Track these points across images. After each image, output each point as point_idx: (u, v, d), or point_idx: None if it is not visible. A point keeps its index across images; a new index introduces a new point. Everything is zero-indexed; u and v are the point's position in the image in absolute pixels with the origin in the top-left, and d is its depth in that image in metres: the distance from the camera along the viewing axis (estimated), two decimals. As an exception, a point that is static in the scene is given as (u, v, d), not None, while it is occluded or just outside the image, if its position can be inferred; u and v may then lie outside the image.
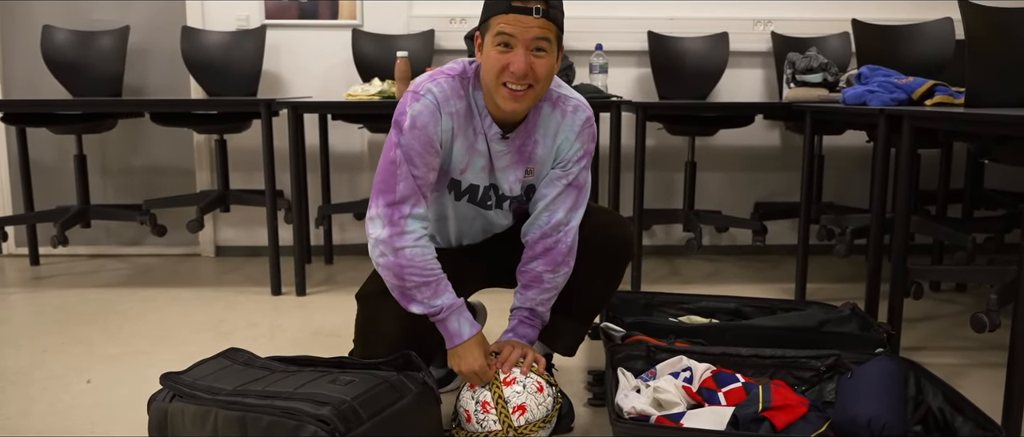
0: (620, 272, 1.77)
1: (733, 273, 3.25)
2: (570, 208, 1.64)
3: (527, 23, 1.43)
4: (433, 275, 1.54)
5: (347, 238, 3.59)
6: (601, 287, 1.77)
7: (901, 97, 2.33)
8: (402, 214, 1.51)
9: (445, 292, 1.55)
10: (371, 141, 3.51)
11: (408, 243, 1.51)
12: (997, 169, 3.50)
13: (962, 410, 1.48)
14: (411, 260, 1.51)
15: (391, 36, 3.39)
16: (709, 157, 3.55)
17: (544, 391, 1.56)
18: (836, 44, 3.38)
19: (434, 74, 1.54)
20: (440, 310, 1.54)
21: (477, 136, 1.57)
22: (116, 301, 2.78)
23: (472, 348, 1.56)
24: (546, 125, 1.61)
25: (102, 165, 3.55)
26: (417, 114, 1.48)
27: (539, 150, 1.62)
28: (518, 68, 1.43)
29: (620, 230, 1.73)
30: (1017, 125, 1.61)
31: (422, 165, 1.51)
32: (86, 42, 3.34)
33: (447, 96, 1.51)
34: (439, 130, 1.51)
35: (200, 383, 1.44)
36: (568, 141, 1.61)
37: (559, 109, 1.61)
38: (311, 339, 2.35)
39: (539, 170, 1.64)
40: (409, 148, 1.49)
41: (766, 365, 1.80)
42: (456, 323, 1.56)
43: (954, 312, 2.65)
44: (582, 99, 1.64)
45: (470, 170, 1.60)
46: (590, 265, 1.70)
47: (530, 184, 1.66)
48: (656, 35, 3.40)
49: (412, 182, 1.50)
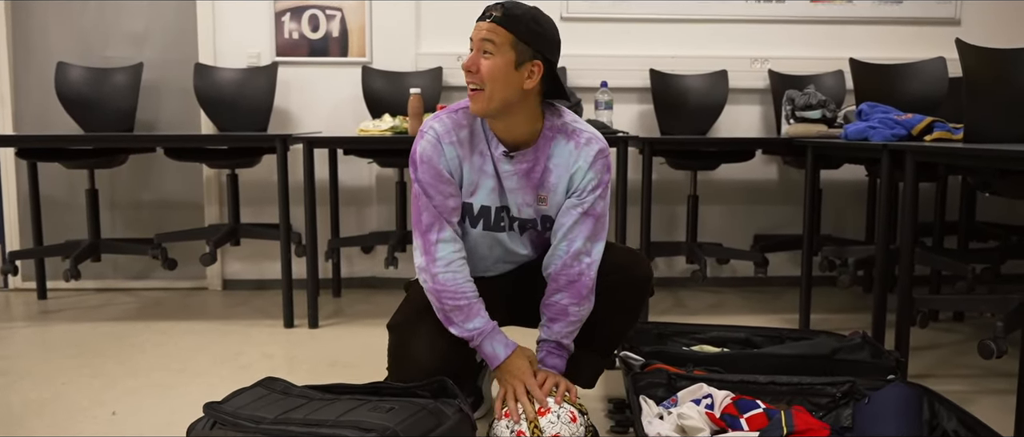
0: (639, 307, 1.84)
1: (736, 304, 3.31)
2: (588, 237, 1.70)
3: (479, 27, 1.61)
4: (465, 298, 1.65)
5: (355, 271, 3.63)
6: (621, 323, 1.84)
7: (901, 133, 2.43)
8: (431, 241, 1.66)
9: (477, 315, 1.65)
10: (379, 175, 3.57)
11: (440, 268, 1.65)
12: (987, 203, 3.61)
13: (978, 433, 1.53)
14: (445, 285, 1.64)
15: (400, 73, 3.47)
16: (710, 191, 3.63)
17: (577, 421, 1.61)
18: (831, 81, 3.49)
19: (439, 112, 1.69)
20: (473, 335, 1.64)
21: (484, 158, 1.68)
22: (129, 334, 2.80)
23: (514, 362, 1.65)
24: (559, 155, 1.69)
25: (111, 199, 3.58)
26: (422, 151, 1.65)
27: (552, 178, 1.70)
28: (467, 63, 1.60)
29: (640, 268, 1.80)
30: (1017, 159, 1.69)
31: (437, 194, 1.65)
32: (100, 79, 3.39)
33: (448, 129, 1.66)
34: (444, 160, 1.65)
35: (242, 412, 1.47)
36: (581, 171, 1.69)
37: (573, 141, 1.69)
38: (329, 370, 2.38)
39: (552, 199, 1.72)
40: (423, 181, 1.65)
41: (783, 392, 1.86)
42: (490, 346, 1.66)
43: (955, 341, 2.72)
44: (596, 133, 1.72)
45: (480, 191, 1.70)
46: (611, 301, 1.77)
47: (545, 214, 1.73)
48: (658, 73, 3.50)
49: (433, 210, 1.65)
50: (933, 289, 2.99)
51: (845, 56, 3.41)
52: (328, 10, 3.46)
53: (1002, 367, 2.41)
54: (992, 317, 2.03)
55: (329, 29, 3.47)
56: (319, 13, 3.46)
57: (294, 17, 3.46)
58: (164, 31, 3.52)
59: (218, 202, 3.55)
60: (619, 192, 2.86)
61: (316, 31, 3.47)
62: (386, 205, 3.58)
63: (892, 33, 3.59)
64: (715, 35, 3.57)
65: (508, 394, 1.64)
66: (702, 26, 3.56)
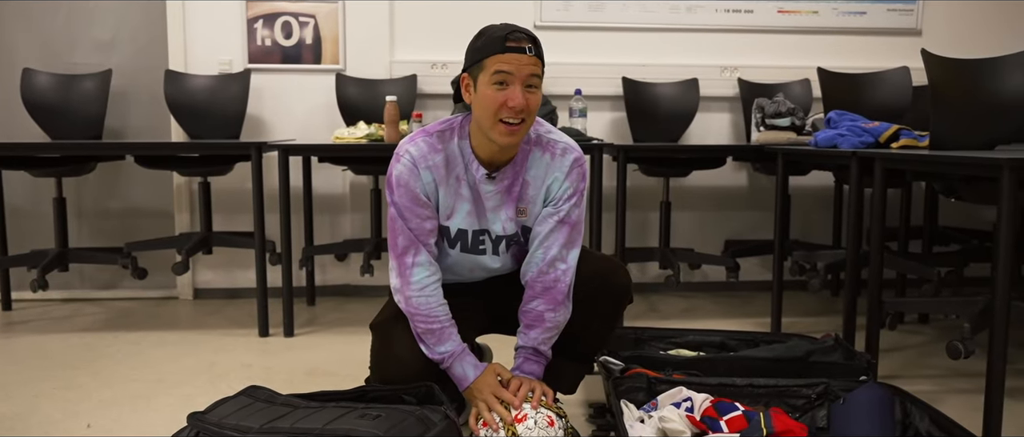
0: (618, 315, 1.87)
1: (708, 309, 3.36)
2: (564, 244, 1.72)
3: (522, 61, 1.55)
4: (437, 322, 1.67)
5: (328, 279, 3.61)
6: (599, 330, 1.87)
7: (869, 140, 2.49)
8: (407, 265, 1.67)
9: (448, 340, 1.67)
10: (353, 183, 3.56)
11: (414, 292, 1.67)
12: (948, 208, 3.72)
13: (951, 432, 1.58)
14: (417, 308, 1.67)
15: (374, 80, 3.46)
16: (681, 197, 3.68)
17: (555, 425, 1.62)
18: (798, 90, 3.57)
19: (414, 135, 1.68)
20: (443, 357, 1.67)
21: (460, 182, 1.69)
22: (100, 345, 2.75)
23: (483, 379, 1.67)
24: (536, 167, 1.71)
25: (78, 208, 3.52)
26: (399, 174, 1.65)
27: (530, 191, 1.71)
28: (517, 103, 1.55)
29: (618, 276, 1.82)
30: (982, 166, 1.76)
31: (413, 217, 1.66)
32: (67, 85, 3.33)
33: (424, 153, 1.65)
34: (421, 184, 1.65)
35: (227, 422, 1.47)
36: (558, 181, 1.71)
37: (549, 152, 1.71)
38: (307, 379, 2.37)
39: (532, 210, 1.74)
40: (399, 205, 1.66)
41: (761, 394, 1.89)
42: (460, 368, 1.68)
43: (921, 343, 2.79)
44: (571, 141, 1.74)
45: (456, 215, 1.71)
46: (590, 309, 1.79)
47: (524, 224, 1.75)
48: (630, 81, 3.54)
49: (409, 234, 1.66)
50: (899, 292, 3.07)
51: (812, 65, 3.49)
52: (301, 17, 3.45)
53: (967, 368, 2.48)
54: (958, 318, 2.11)
55: (302, 36, 3.46)
56: (292, 20, 3.45)
57: (267, 24, 3.44)
58: (133, 37, 3.48)
59: (189, 210, 3.51)
60: (594, 199, 2.89)
61: (289, 38, 3.46)
62: (360, 213, 3.57)
63: (856, 43, 3.68)
64: (686, 44, 3.63)
65: (481, 409, 1.65)
66: (673, 35, 3.62)
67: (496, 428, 1.60)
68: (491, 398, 1.64)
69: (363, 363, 2.52)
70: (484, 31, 1.60)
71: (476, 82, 1.60)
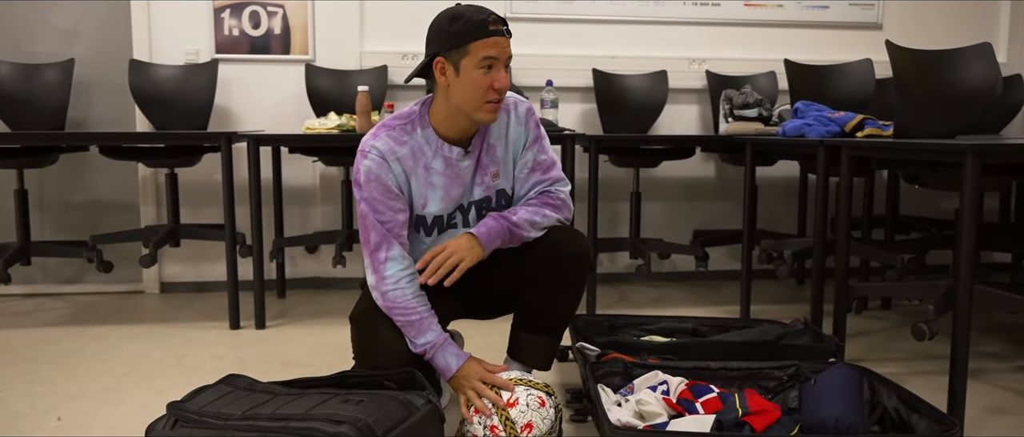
0: (580, 283, 1.85)
1: (678, 298, 3.41)
2: (546, 173, 1.82)
3: (502, 43, 1.64)
4: (416, 314, 1.68)
5: (298, 272, 3.58)
6: (564, 299, 1.85)
7: (835, 129, 2.55)
8: (380, 260, 1.69)
9: (428, 330, 1.68)
10: (323, 174, 3.53)
11: (389, 286, 1.68)
12: (908, 198, 3.82)
13: (918, 409, 1.64)
14: (395, 302, 1.68)
15: (344, 71, 3.44)
16: (651, 188, 3.73)
17: (546, 405, 1.64)
18: (764, 82, 3.63)
19: (376, 130, 1.71)
20: (425, 348, 1.68)
21: (429, 171, 1.73)
22: (66, 340, 2.70)
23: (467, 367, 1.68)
24: (496, 129, 1.78)
25: (40, 200, 3.44)
26: (367, 169, 1.67)
27: (499, 151, 1.79)
28: (504, 84, 1.64)
29: (575, 244, 1.81)
30: (947, 151, 1.81)
31: (386, 210, 1.68)
32: (28, 75, 3.25)
33: (391, 146, 1.69)
34: (392, 176, 1.68)
35: (207, 410, 1.45)
36: (519, 135, 1.80)
37: (503, 110, 1.78)
38: (282, 369, 2.35)
39: (503, 171, 1.80)
40: (370, 199, 1.67)
41: (734, 377, 1.94)
42: (442, 359, 1.69)
43: (884, 327, 2.87)
44: (514, 95, 1.83)
45: (430, 202, 1.75)
46: (551, 278, 1.80)
47: (499, 188, 1.80)
48: (600, 72, 3.57)
49: (380, 228, 1.68)
50: (862, 278, 3.15)
51: (777, 58, 3.55)
52: (269, 7, 3.41)
53: (930, 350, 2.56)
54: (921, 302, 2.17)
55: (271, 26, 3.42)
56: (260, 10, 3.41)
57: (234, 14, 3.39)
58: (97, 26, 3.40)
59: (154, 203, 3.45)
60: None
61: (257, 28, 3.42)
62: (331, 204, 3.55)
63: (820, 36, 3.75)
64: (655, 36, 3.67)
65: (471, 397, 1.65)
66: (642, 27, 3.65)
67: (489, 413, 1.61)
68: (479, 385, 1.65)
69: (339, 353, 2.52)
70: (459, 14, 1.63)
71: (457, 66, 1.62)
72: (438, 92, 1.70)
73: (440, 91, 1.69)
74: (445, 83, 1.66)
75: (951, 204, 3.91)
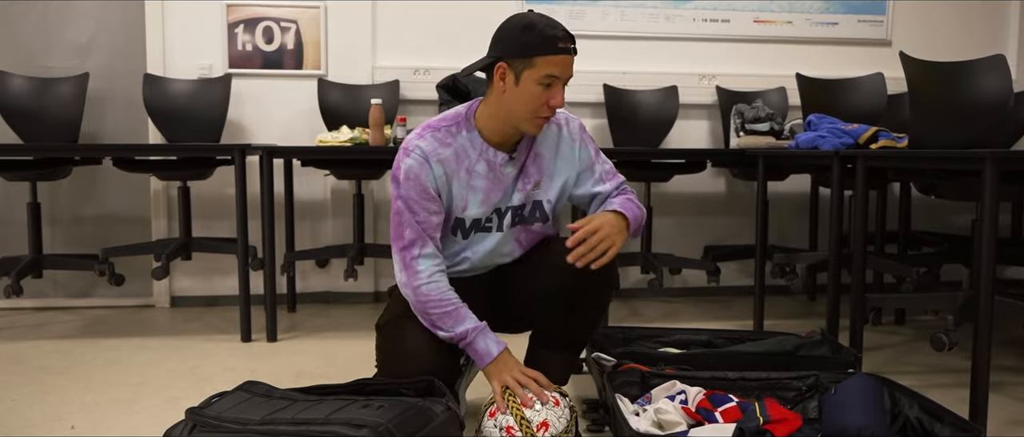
0: (605, 303, 1.88)
1: (690, 313, 3.39)
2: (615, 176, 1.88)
3: (568, 63, 1.63)
4: (451, 304, 1.67)
5: (309, 286, 3.57)
6: (590, 318, 1.87)
7: (849, 142, 2.55)
8: (412, 256, 1.68)
9: (466, 318, 1.67)
10: (334, 188, 3.54)
11: (422, 281, 1.67)
12: (919, 213, 3.81)
13: (940, 417, 1.62)
14: (428, 295, 1.67)
15: (357, 86, 3.46)
16: (662, 202, 3.72)
17: (561, 405, 1.63)
18: (775, 97, 3.64)
19: (422, 130, 1.71)
20: (465, 334, 1.66)
21: (471, 174, 1.71)
22: (78, 352, 2.69)
23: (507, 359, 1.67)
24: (544, 140, 1.77)
25: (52, 214, 3.45)
26: (409, 167, 1.66)
27: (544, 163, 1.78)
28: (559, 103, 1.64)
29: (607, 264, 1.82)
30: (965, 159, 1.81)
31: (422, 210, 1.67)
32: (42, 89, 3.27)
33: (434, 147, 1.68)
34: (432, 177, 1.67)
35: (226, 415, 1.44)
36: (572, 151, 1.80)
37: (554, 124, 1.78)
38: (296, 380, 2.34)
39: (545, 182, 1.79)
40: (407, 198, 1.67)
41: (752, 387, 1.92)
42: (483, 343, 1.68)
43: (899, 341, 2.85)
44: (565, 111, 1.83)
45: (471, 205, 1.73)
46: (576, 298, 1.80)
47: (537, 199, 1.79)
48: (611, 88, 3.58)
49: (416, 227, 1.67)
50: (876, 293, 3.13)
51: (787, 73, 3.57)
52: (283, 22, 3.44)
53: (946, 363, 2.54)
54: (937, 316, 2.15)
55: (284, 41, 3.44)
56: (273, 25, 3.43)
57: (248, 29, 3.42)
58: (111, 41, 3.43)
59: (166, 216, 3.46)
60: (579, 202, 2.91)
61: (270, 43, 3.44)
62: (342, 218, 3.55)
63: (829, 52, 3.77)
64: (665, 52, 3.69)
65: (511, 384, 1.64)
66: (653, 44, 3.67)
67: (530, 403, 1.60)
68: (520, 375, 1.65)
69: (352, 366, 2.51)
70: (532, 24, 1.60)
71: (519, 75, 1.61)
72: (491, 94, 1.68)
73: (493, 93, 1.67)
74: (502, 88, 1.64)
75: (962, 220, 3.90)
